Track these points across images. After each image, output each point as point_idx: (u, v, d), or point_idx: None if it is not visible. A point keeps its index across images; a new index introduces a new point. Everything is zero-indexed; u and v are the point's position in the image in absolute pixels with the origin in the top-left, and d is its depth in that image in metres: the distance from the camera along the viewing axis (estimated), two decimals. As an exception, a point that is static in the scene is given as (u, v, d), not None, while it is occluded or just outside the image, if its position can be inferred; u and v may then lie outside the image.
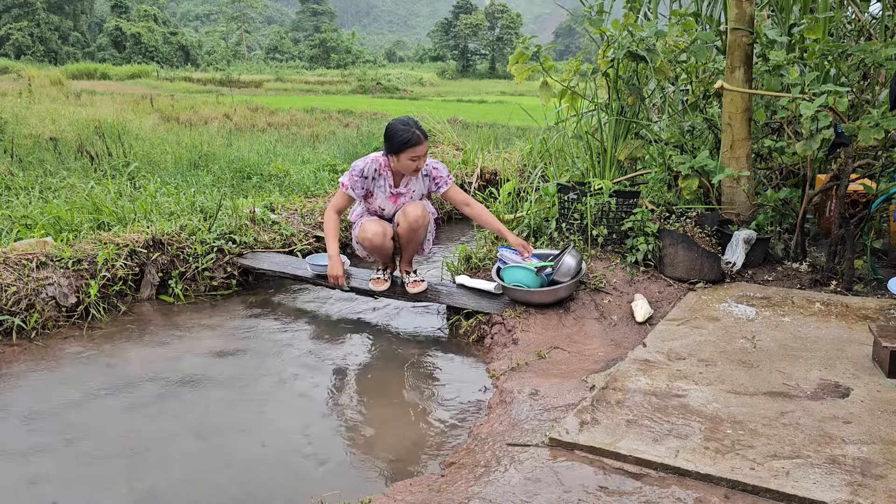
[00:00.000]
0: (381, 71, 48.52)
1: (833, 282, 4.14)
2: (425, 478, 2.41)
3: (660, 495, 2.15)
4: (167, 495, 2.46)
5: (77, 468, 2.62)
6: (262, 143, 9.82)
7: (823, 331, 3.48)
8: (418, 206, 3.89)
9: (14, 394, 3.17)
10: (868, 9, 5.82)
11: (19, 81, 24.69)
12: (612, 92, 4.98)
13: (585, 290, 4.06)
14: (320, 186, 6.93)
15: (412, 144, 3.70)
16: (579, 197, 4.46)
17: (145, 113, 13.94)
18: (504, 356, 3.51)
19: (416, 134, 3.70)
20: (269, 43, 74.67)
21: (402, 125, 3.74)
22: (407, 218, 3.88)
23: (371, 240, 3.92)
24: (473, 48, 71.44)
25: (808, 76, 4.18)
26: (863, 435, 2.45)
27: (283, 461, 2.69)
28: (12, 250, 4.07)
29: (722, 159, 4.60)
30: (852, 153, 4.07)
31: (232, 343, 3.85)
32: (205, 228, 4.82)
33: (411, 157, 3.74)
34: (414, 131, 3.70)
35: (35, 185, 6.12)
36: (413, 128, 3.72)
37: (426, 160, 3.89)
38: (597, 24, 5.02)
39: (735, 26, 4.43)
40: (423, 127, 3.82)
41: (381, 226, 3.94)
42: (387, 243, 3.97)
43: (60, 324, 3.92)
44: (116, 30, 54.47)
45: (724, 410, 2.66)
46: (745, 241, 4.27)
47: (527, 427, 2.65)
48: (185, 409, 3.10)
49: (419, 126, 3.77)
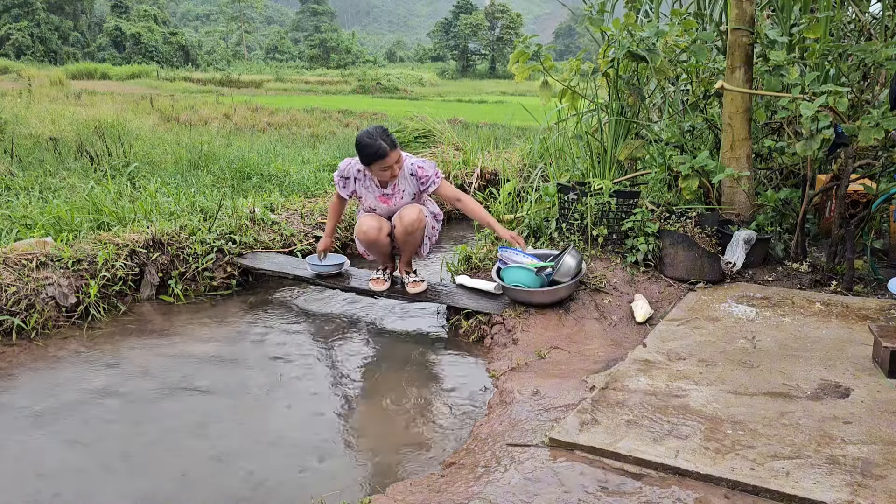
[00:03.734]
0: (381, 71, 48.51)
1: (833, 282, 4.14)
2: (425, 478, 2.41)
3: (660, 495, 2.15)
4: (167, 495, 2.46)
5: (77, 468, 2.62)
6: (262, 144, 9.82)
7: (824, 331, 3.48)
8: (414, 210, 3.89)
9: (14, 394, 3.17)
10: (868, 9, 5.82)
11: (19, 81, 24.68)
12: (613, 92, 4.98)
13: (585, 291, 4.06)
14: (320, 186, 6.93)
15: (379, 157, 3.66)
16: (579, 197, 4.46)
17: (145, 113, 13.94)
18: (504, 356, 3.51)
19: (382, 146, 3.63)
20: (268, 43, 74.69)
21: (367, 138, 3.66)
22: (402, 221, 3.90)
23: (366, 233, 3.93)
24: (473, 48, 71.42)
25: (808, 76, 4.18)
26: (863, 435, 2.45)
27: (284, 461, 2.69)
28: (12, 250, 4.06)
29: (722, 159, 4.60)
30: (852, 153, 4.07)
31: (232, 343, 3.85)
32: (205, 228, 4.82)
33: (381, 167, 3.72)
34: (379, 143, 3.63)
35: (35, 185, 6.12)
36: (378, 139, 3.64)
37: (401, 164, 3.83)
38: (597, 22, 5.02)
39: (735, 26, 4.43)
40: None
41: (377, 221, 3.95)
42: (382, 239, 3.97)
43: (60, 324, 3.92)
44: (116, 30, 54.46)
45: (725, 411, 2.66)
46: (746, 241, 4.27)
47: (527, 427, 2.64)
48: (184, 409, 3.09)
49: (386, 136, 3.69)
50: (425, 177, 3.94)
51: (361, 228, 3.95)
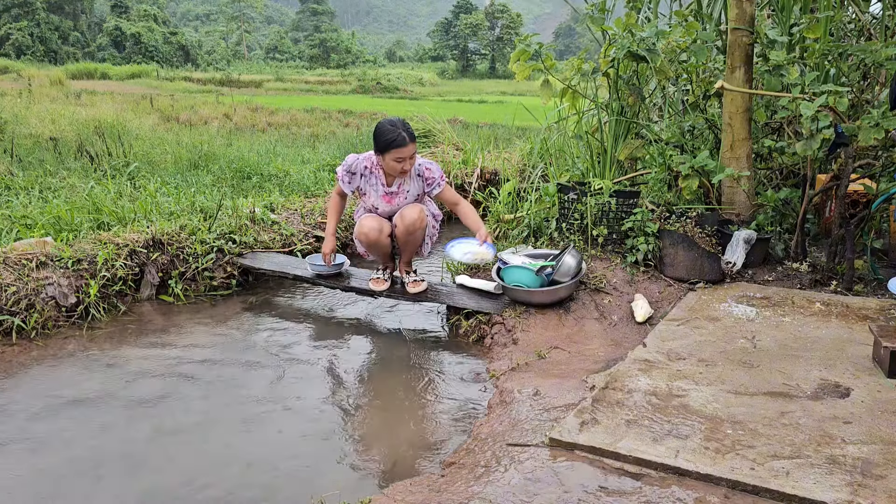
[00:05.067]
0: (381, 71, 48.50)
1: (833, 282, 4.14)
2: (425, 478, 2.41)
3: (660, 495, 2.15)
4: (167, 495, 2.46)
5: (77, 468, 2.62)
6: (262, 143, 9.82)
7: (824, 331, 3.48)
8: (415, 210, 3.89)
9: (14, 394, 3.17)
10: (868, 9, 5.82)
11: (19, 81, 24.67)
12: (613, 92, 4.98)
13: (585, 290, 4.06)
14: (320, 186, 6.93)
15: (397, 145, 3.66)
16: (579, 197, 4.46)
17: (145, 113, 13.94)
18: (504, 356, 3.51)
19: (402, 135, 3.65)
20: (268, 43, 74.67)
21: (389, 125, 3.70)
22: (404, 221, 3.89)
23: (367, 234, 3.93)
24: (473, 48, 71.40)
25: (808, 76, 4.18)
26: (863, 435, 2.45)
27: (284, 461, 2.69)
28: (12, 250, 4.06)
29: (722, 159, 4.60)
30: (852, 153, 4.07)
31: (231, 343, 3.85)
32: (205, 228, 4.82)
33: (396, 157, 3.71)
34: (400, 132, 3.65)
35: (35, 185, 6.12)
36: (400, 129, 3.67)
37: (414, 162, 3.83)
38: (598, 22, 5.02)
39: (735, 26, 4.43)
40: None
41: (378, 222, 3.94)
42: (382, 239, 3.97)
43: (60, 324, 3.92)
44: (116, 30, 54.43)
45: (725, 410, 2.66)
46: (746, 241, 4.27)
47: (527, 427, 2.64)
48: (184, 409, 3.09)
49: (407, 128, 3.72)
50: (431, 178, 3.94)
51: (362, 230, 3.94)
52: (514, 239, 4.78)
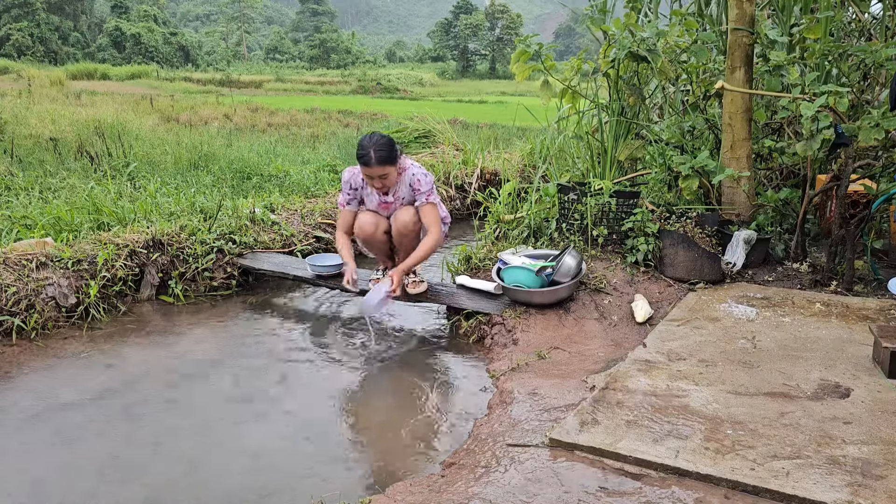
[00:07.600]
0: (381, 71, 48.51)
1: (833, 282, 4.14)
2: (425, 478, 2.41)
3: (660, 496, 2.15)
4: (167, 495, 2.46)
5: (76, 468, 2.62)
6: (262, 144, 9.81)
7: (824, 331, 3.48)
8: (409, 212, 3.95)
9: (14, 394, 3.17)
10: (868, 9, 5.82)
11: (19, 82, 24.70)
12: (613, 92, 4.98)
13: (585, 291, 4.05)
14: (320, 187, 6.93)
15: (364, 163, 3.73)
16: (579, 197, 4.46)
17: (145, 113, 13.94)
18: (504, 356, 3.51)
19: (370, 156, 3.68)
20: (269, 43, 74.65)
21: (364, 141, 3.75)
22: (396, 223, 3.97)
23: (363, 228, 4.00)
24: (473, 48, 71.38)
25: (808, 76, 4.18)
26: (863, 435, 2.45)
27: (284, 461, 2.69)
28: (12, 250, 4.06)
29: (722, 159, 4.60)
30: (852, 153, 4.07)
31: (231, 344, 3.85)
32: (205, 229, 4.82)
33: (365, 173, 3.80)
34: (369, 152, 3.68)
35: (35, 185, 6.12)
36: (370, 149, 3.68)
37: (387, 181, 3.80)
38: (598, 22, 5.03)
39: (735, 26, 4.43)
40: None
41: (375, 217, 4.02)
42: (378, 235, 4.02)
43: (60, 324, 3.92)
44: (116, 30, 54.44)
45: (725, 411, 2.66)
46: (746, 241, 4.27)
47: (527, 427, 2.64)
48: (184, 409, 3.09)
49: (379, 148, 3.69)
50: (419, 191, 3.99)
51: (359, 224, 4.02)
52: (515, 239, 4.78)
